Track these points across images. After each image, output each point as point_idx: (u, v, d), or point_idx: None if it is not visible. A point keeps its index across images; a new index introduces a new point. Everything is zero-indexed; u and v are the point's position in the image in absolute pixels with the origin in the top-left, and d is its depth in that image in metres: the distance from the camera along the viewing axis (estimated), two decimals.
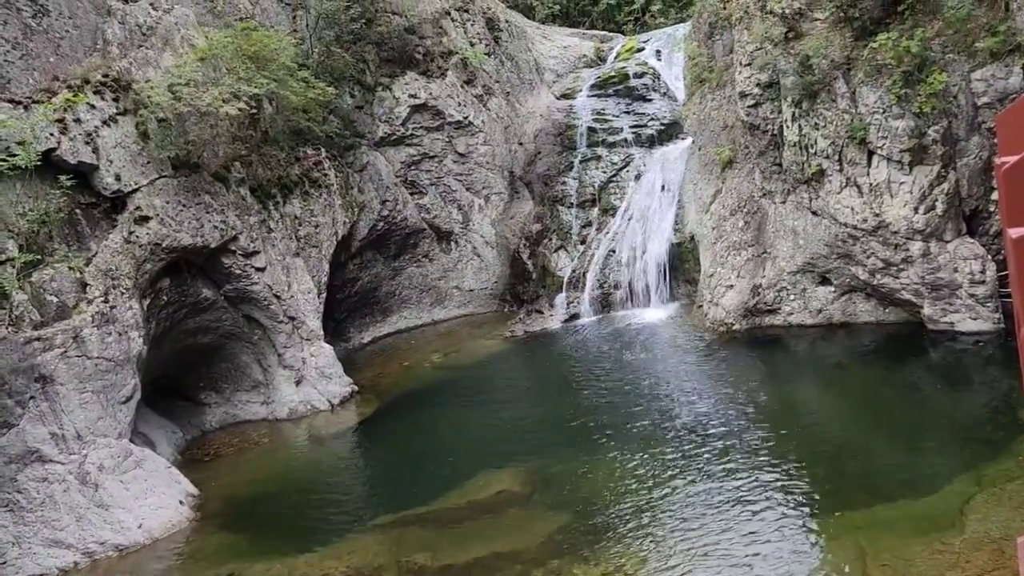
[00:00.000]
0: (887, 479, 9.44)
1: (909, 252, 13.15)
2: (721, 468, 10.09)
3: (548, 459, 11.46)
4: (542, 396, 14.63)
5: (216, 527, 11.48)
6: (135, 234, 12.92)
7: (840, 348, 14.27)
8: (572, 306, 18.75)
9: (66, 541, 10.87)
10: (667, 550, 8.52)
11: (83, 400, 11.57)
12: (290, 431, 15.13)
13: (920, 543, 7.66)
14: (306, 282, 15.96)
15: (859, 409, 11.94)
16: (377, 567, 9.32)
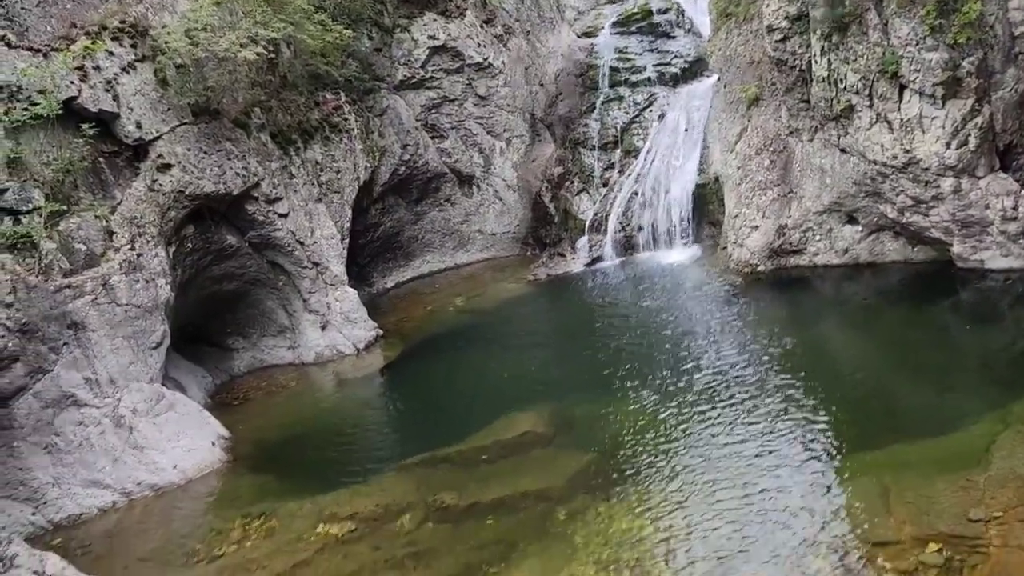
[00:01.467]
0: (912, 418, 9.42)
1: (940, 189, 12.88)
2: (744, 409, 10.10)
3: (571, 401, 11.54)
4: (565, 339, 14.69)
5: (247, 468, 11.75)
6: (158, 182, 12.97)
7: (867, 288, 14.13)
8: (594, 249, 18.67)
9: (104, 481, 11.20)
10: (690, 488, 8.59)
11: (114, 346, 11.78)
12: (317, 375, 15.35)
13: (944, 481, 7.65)
14: (329, 228, 16.00)
15: (885, 349, 11.86)
16: (405, 505, 9.50)
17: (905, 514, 7.22)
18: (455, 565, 8.09)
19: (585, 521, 8.38)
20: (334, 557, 8.72)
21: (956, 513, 7.06)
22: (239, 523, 9.95)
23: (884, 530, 7.08)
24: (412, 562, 8.29)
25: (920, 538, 6.83)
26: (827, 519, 7.46)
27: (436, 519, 9.11)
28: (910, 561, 6.57)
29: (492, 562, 8.01)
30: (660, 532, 7.83)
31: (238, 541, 9.52)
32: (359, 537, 9.03)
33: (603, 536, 8.02)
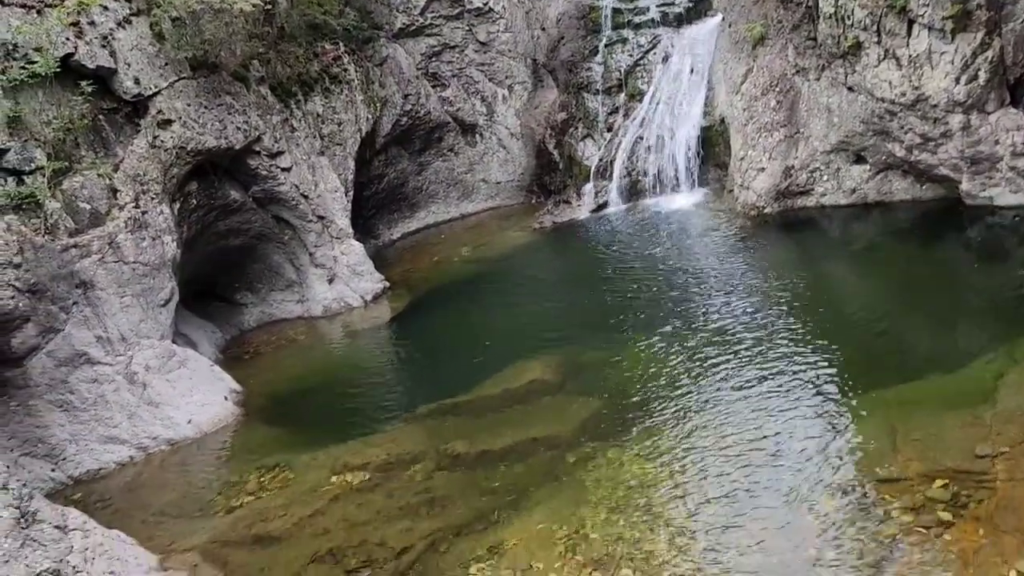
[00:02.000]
0: (920, 357, 9.45)
1: (948, 126, 12.70)
2: (752, 352, 10.13)
3: (579, 348, 11.59)
4: (572, 287, 14.69)
5: (260, 421, 11.90)
6: (159, 138, 12.88)
7: (874, 228, 14.04)
8: (600, 195, 18.54)
9: (120, 437, 11.37)
10: (699, 430, 8.68)
11: (124, 304, 11.85)
12: (325, 328, 15.43)
13: (951, 418, 7.70)
14: (332, 180, 15.92)
15: (893, 288, 11.84)
16: (417, 454, 9.63)
17: (912, 452, 7.29)
18: (467, 511, 8.23)
19: (595, 466, 8.49)
20: (349, 506, 8.87)
21: (963, 449, 7.11)
22: (254, 475, 10.12)
23: (891, 468, 7.15)
24: (426, 509, 8.44)
25: (927, 475, 6.90)
26: (835, 459, 7.53)
27: (448, 467, 9.24)
28: (917, 498, 6.65)
29: (504, 507, 8.14)
30: (669, 475, 7.94)
31: (254, 492, 9.69)
32: (373, 486, 9.17)
33: (613, 480, 8.12)
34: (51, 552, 7.39)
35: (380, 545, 7.96)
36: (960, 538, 6.13)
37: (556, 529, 7.53)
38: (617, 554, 6.93)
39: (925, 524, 6.34)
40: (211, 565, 8.27)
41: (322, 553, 8.07)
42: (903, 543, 6.20)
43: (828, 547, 6.37)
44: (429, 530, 8.02)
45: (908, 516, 6.48)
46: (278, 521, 8.85)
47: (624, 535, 7.18)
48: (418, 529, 8.07)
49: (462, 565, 7.34)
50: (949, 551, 5.99)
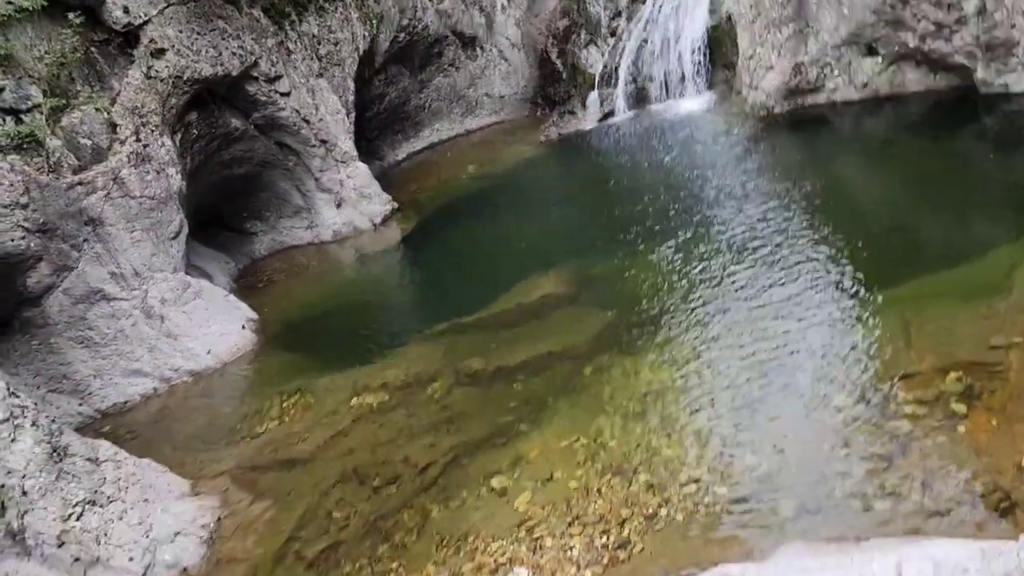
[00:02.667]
0: (933, 252, 9.36)
1: (963, 11, 12.25)
2: (765, 256, 10.05)
3: (590, 261, 11.57)
4: (580, 200, 14.58)
5: (278, 348, 12.05)
6: (154, 68, 12.65)
7: (887, 122, 13.75)
8: (605, 104, 18.18)
9: (143, 370, 11.57)
10: (714, 336, 8.71)
11: (134, 239, 11.87)
12: (336, 252, 15.47)
13: (965, 310, 7.68)
14: (333, 103, 15.67)
15: (907, 183, 11.65)
16: (434, 373, 9.75)
17: (926, 346, 7.30)
18: (487, 426, 8.38)
19: (611, 376, 8.57)
20: (370, 426, 9.06)
21: (976, 341, 7.11)
22: (276, 401, 10.31)
23: (906, 363, 7.17)
24: (446, 426, 8.59)
25: (941, 368, 6.92)
26: (850, 358, 7.55)
27: (465, 384, 9.36)
28: (931, 391, 6.68)
29: (522, 420, 8.28)
30: (685, 383, 8.01)
31: (277, 418, 9.89)
32: (393, 406, 9.33)
33: (629, 389, 8.22)
34: (85, 483, 7.62)
35: (403, 462, 8.15)
36: (973, 429, 6.19)
37: (575, 440, 7.66)
38: (635, 461, 7.06)
39: (939, 417, 6.39)
40: (241, 488, 8.51)
41: (347, 472, 8.28)
42: (918, 437, 6.27)
43: (843, 445, 6.45)
44: (450, 446, 8.18)
45: (922, 410, 6.53)
46: (302, 444, 9.06)
47: (642, 442, 7.30)
48: (440, 445, 8.24)
49: (485, 477, 7.51)
50: (963, 442, 6.05)
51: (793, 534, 5.69)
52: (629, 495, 6.63)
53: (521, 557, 6.28)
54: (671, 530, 6.11)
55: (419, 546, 6.89)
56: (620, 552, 6.04)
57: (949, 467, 5.87)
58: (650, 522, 6.27)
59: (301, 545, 7.40)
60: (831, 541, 5.43)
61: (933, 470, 5.89)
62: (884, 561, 4.41)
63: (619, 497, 6.64)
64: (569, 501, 6.80)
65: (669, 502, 6.41)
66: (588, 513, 6.56)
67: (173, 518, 7.89)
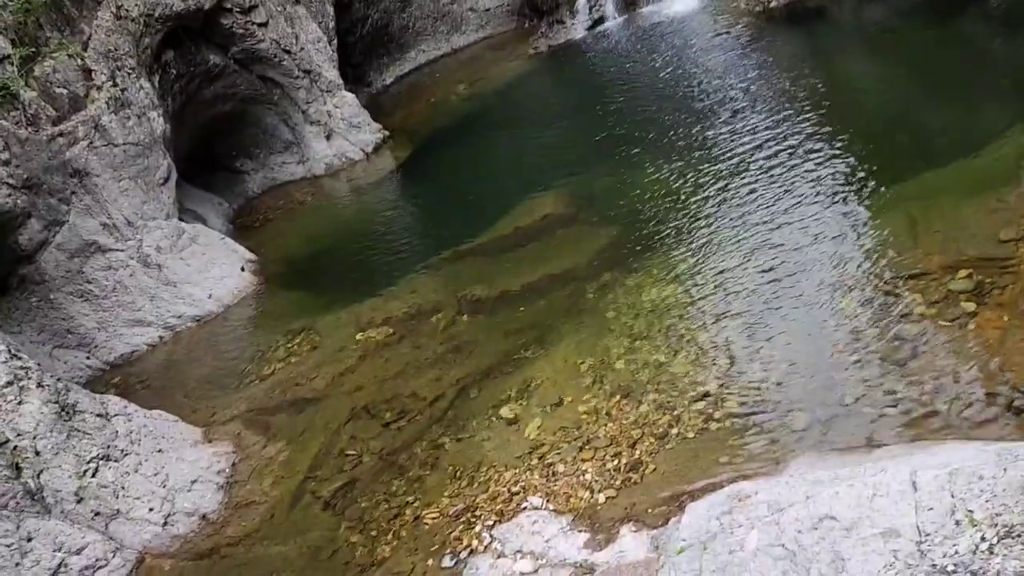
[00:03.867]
0: (940, 143, 9.05)
1: None
2: (766, 162, 9.78)
3: (588, 177, 11.33)
4: (575, 114, 14.17)
5: (280, 287, 11.98)
6: (124, 8, 12.21)
7: (888, 8, 13.17)
8: (595, 10, 17.55)
9: (146, 319, 11.54)
10: (716, 247, 8.54)
11: (123, 188, 11.66)
12: (331, 185, 15.23)
13: (973, 204, 7.45)
14: (313, 31, 15.16)
15: (912, 73, 11.20)
16: (437, 304, 9.68)
17: (933, 244, 7.11)
18: (494, 353, 8.33)
19: (615, 295, 8.46)
20: (377, 361, 9.03)
21: (985, 235, 6.91)
22: (282, 341, 10.29)
23: (912, 263, 7.00)
24: (452, 356, 8.55)
25: (949, 266, 6.75)
26: (856, 260, 7.39)
27: (469, 312, 9.29)
28: (939, 291, 6.54)
29: (528, 346, 8.22)
30: (689, 297, 7.89)
31: (284, 359, 9.87)
32: (398, 339, 9.29)
33: (633, 308, 8.11)
34: (97, 439, 7.65)
35: (412, 396, 8.14)
36: (985, 326, 6.07)
37: (581, 362, 7.61)
38: (643, 380, 7.01)
39: (949, 316, 6.27)
40: (253, 432, 8.55)
41: (358, 409, 8.29)
42: (927, 338, 6.16)
43: (852, 350, 6.36)
44: (458, 377, 8.16)
45: (932, 310, 6.41)
46: (311, 384, 9.06)
47: (649, 361, 7.23)
48: (447, 377, 8.21)
49: (494, 406, 7.50)
50: (974, 341, 5.94)
51: (805, 446, 5.66)
52: (639, 416, 6.60)
53: (535, 484, 6.29)
54: (683, 449, 6.09)
55: (433, 479, 6.92)
56: (632, 474, 6.03)
57: (960, 367, 5.78)
58: (661, 442, 6.24)
59: (316, 484, 7.45)
60: (843, 451, 5.40)
61: (944, 371, 5.79)
62: (897, 471, 4.35)
63: (629, 418, 6.61)
64: (579, 425, 6.78)
65: (679, 420, 6.37)
66: (599, 436, 6.54)
67: (189, 466, 7.95)
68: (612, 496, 5.90)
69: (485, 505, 6.32)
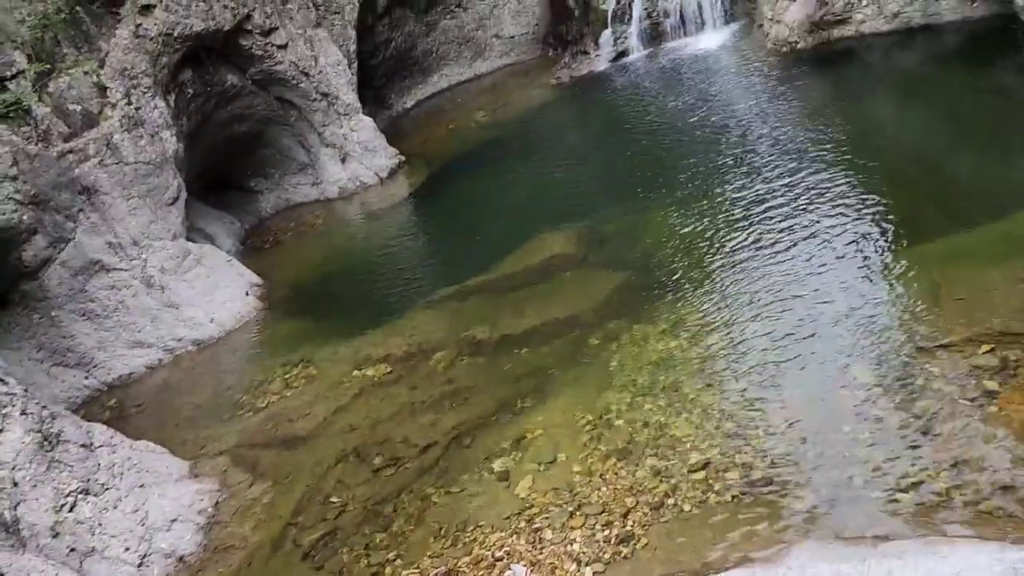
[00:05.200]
0: (968, 201, 8.67)
1: None
2: (786, 209, 9.45)
3: (601, 217, 11.04)
4: (592, 149, 13.91)
5: (283, 314, 11.78)
6: (143, 26, 12.14)
7: (919, 55, 12.83)
8: (619, 42, 17.32)
9: (146, 341, 11.38)
10: (728, 299, 8.21)
11: (131, 207, 11.54)
12: (343, 209, 15.07)
13: (999, 271, 7.08)
14: (333, 54, 15.05)
15: (941, 123, 10.84)
16: (438, 342, 9.41)
17: (957, 313, 6.75)
18: (490, 401, 8.03)
19: (619, 345, 8.15)
20: (372, 401, 8.76)
21: (1012, 308, 6.54)
22: (280, 372, 10.07)
23: (934, 332, 6.64)
24: (449, 401, 8.26)
25: (972, 339, 6.39)
26: (874, 325, 7.04)
27: (469, 354, 9.00)
28: (961, 366, 6.17)
29: (527, 394, 7.92)
30: (696, 352, 7.56)
31: (279, 392, 9.64)
32: (395, 379, 9.02)
33: (638, 360, 7.80)
34: (78, 472, 7.43)
35: (404, 442, 7.86)
36: (1007, 408, 5.70)
37: (580, 416, 7.29)
38: (642, 441, 6.68)
39: (970, 394, 5.91)
40: (240, 469, 8.30)
41: (348, 452, 8.02)
42: (946, 417, 5.79)
43: (864, 426, 6.00)
44: (452, 424, 7.86)
45: (952, 386, 6.04)
46: (303, 421, 8.81)
47: (649, 420, 6.90)
48: (441, 423, 7.92)
49: (486, 458, 7.20)
50: (995, 424, 5.57)
51: (808, 531, 5.29)
52: (635, 482, 6.26)
53: (520, 551, 5.97)
54: (678, 523, 5.75)
55: (417, 535, 6.62)
56: (623, 547, 5.70)
57: (979, 454, 5.41)
58: (656, 513, 5.91)
59: (298, 532, 7.18)
60: (848, 542, 5.02)
61: (961, 457, 5.43)
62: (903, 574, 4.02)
63: (624, 483, 6.28)
64: (572, 487, 6.46)
65: (677, 490, 6.03)
66: (591, 502, 6.21)
67: (170, 503, 7.70)
68: (600, 572, 5.57)
69: (467, 570, 6.01)
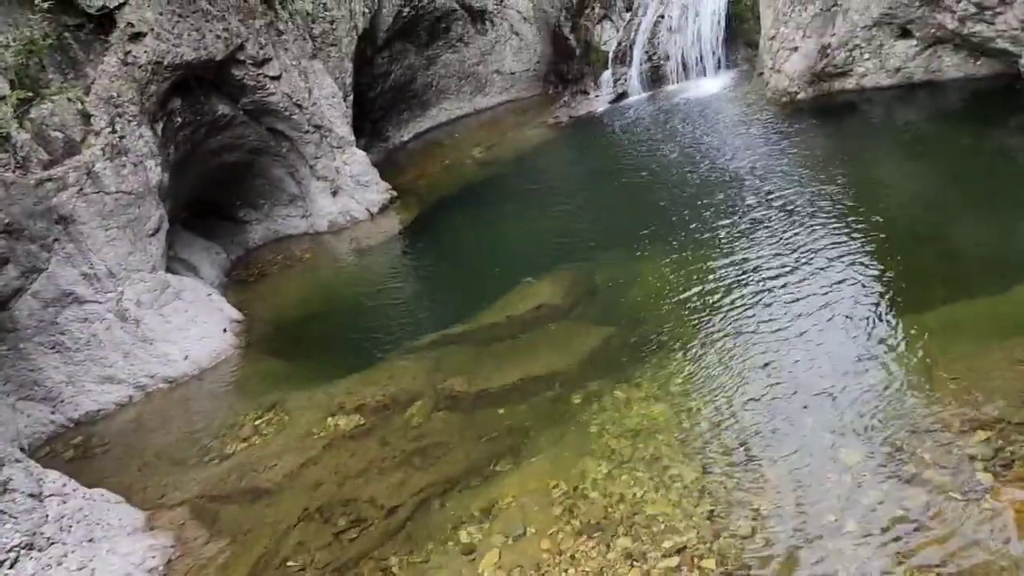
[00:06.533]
0: (967, 270, 8.38)
1: None
2: (783, 267, 9.16)
3: (592, 265, 10.74)
4: (587, 193, 13.65)
5: (261, 353, 11.44)
6: (132, 54, 11.92)
7: (921, 112, 12.62)
8: (619, 84, 17.19)
9: (117, 377, 11.02)
10: (715, 364, 7.89)
11: (109, 237, 11.25)
12: (331, 244, 14.79)
13: (998, 350, 6.76)
14: (328, 86, 14.86)
15: (942, 184, 10.59)
16: (415, 394, 9.06)
17: (952, 394, 6.41)
18: (463, 461, 7.67)
19: (601, 407, 7.80)
20: (342, 454, 8.40)
21: (1010, 392, 6.21)
22: (251, 416, 9.71)
23: (926, 414, 6.30)
24: (419, 459, 7.90)
25: (967, 424, 6.05)
26: (865, 401, 6.70)
27: (445, 408, 8.66)
28: (954, 454, 5.83)
29: (501, 457, 7.57)
30: (679, 422, 7.21)
31: (248, 438, 9.28)
32: (367, 431, 8.67)
33: (619, 425, 7.45)
34: (23, 524, 7.06)
35: (370, 502, 7.48)
36: (1001, 503, 5.35)
37: (555, 485, 6.93)
38: (616, 518, 6.31)
39: (962, 487, 5.56)
40: (199, 523, 7.92)
41: (311, 510, 7.64)
42: (936, 511, 5.44)
43: (849, 515, 5.64)
44: (421, 485, 7.50)
45: (943, 476, 5.69)
46: (270, 472, 8.44)
47: (626, 495, 6.54)
48: (410, 484, 7.56)
49: (453, 527, 6.82)
50: (988, 523, 5.22)
51: None
52: (605, 564, 5.89)
53: None
54: None
55: None
56: None
57: (971, 554, 5.05)
58: None
59: None
60: None
61: (952, 557, 5.06)
62: None
63: (593, 566, 5.91)
64: (539, 566, 6.08)
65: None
66: None
67: (119, 560, 7.31)
68: None
69: None
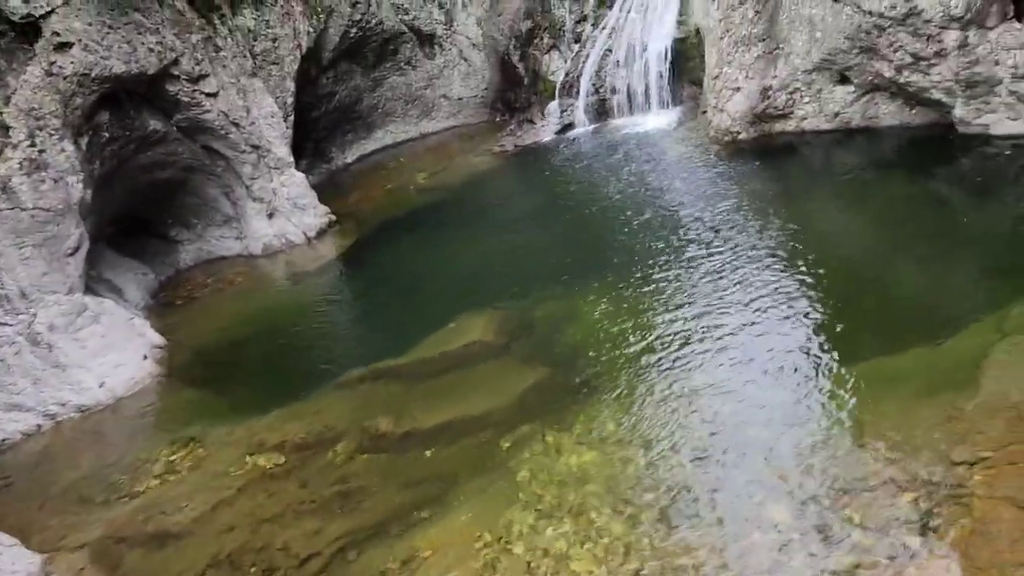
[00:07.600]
0: (901, 320, 8.34)
1: (943, 44, 11.32)
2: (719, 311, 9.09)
3: (528, 301, 10.54)
4: (529, 224, 13.45)
5: (183, 382, 10.95)
6: (57, 64, 11.39)
7: (858, 157, 12.79)
8: (566, 115, 17.13)
9: (25, 404, 10.41)
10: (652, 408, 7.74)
11: (23, 256, 10.70)
12: (265, 267, 14.35)
13: (928, 407, 6.73)
14: (268, 105, 14.46)
15: (878, 229, 10.68)
16: (339, 432, 8.72)
17: (880, 453, 6.34)
18: (385, 507, 7.36)
19: (531, 453, 7.57)
20: (258, 495, 8.00)
21: (937, 453, 6.17)
22: (165, 452, 9.23)
23: (854, 473, 6.22)
24: (339, 504, 7.56)
25: (895, 485, 5.98)
26: (794, 457, 6.61)
27: (370, 449, 8.33)
28: (881, 515, 5.74)
29: (425, 504, 7.27)
30: (608, 471, 7.02)
31: (161, 475, 8.80)
32: (287, 471, 8.28)
33: (548, 473, 7.23)
34: None
35: (284, 550, 7.11)
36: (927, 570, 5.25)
37: (478, 536, 6.67)
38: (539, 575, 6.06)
39: (883, 551, 5.46)
40: (99, 569, 7.45)
41: (221, 558, 7.22)
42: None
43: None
44: (339, 532, 7.16)
45: (869, 539, 5.60)
46: (180, 514, 7.98)
47: (550, 549, 6.31)
48: (327, 531, 7.21)
49: None
50: None
51: None
52: None
53: None
54: None
55: None
56: None
57: None
58: None
59: None
60: None
61: None
62: None
63: None
64: None
65: None
66: None
67: None
68: None
69: None
